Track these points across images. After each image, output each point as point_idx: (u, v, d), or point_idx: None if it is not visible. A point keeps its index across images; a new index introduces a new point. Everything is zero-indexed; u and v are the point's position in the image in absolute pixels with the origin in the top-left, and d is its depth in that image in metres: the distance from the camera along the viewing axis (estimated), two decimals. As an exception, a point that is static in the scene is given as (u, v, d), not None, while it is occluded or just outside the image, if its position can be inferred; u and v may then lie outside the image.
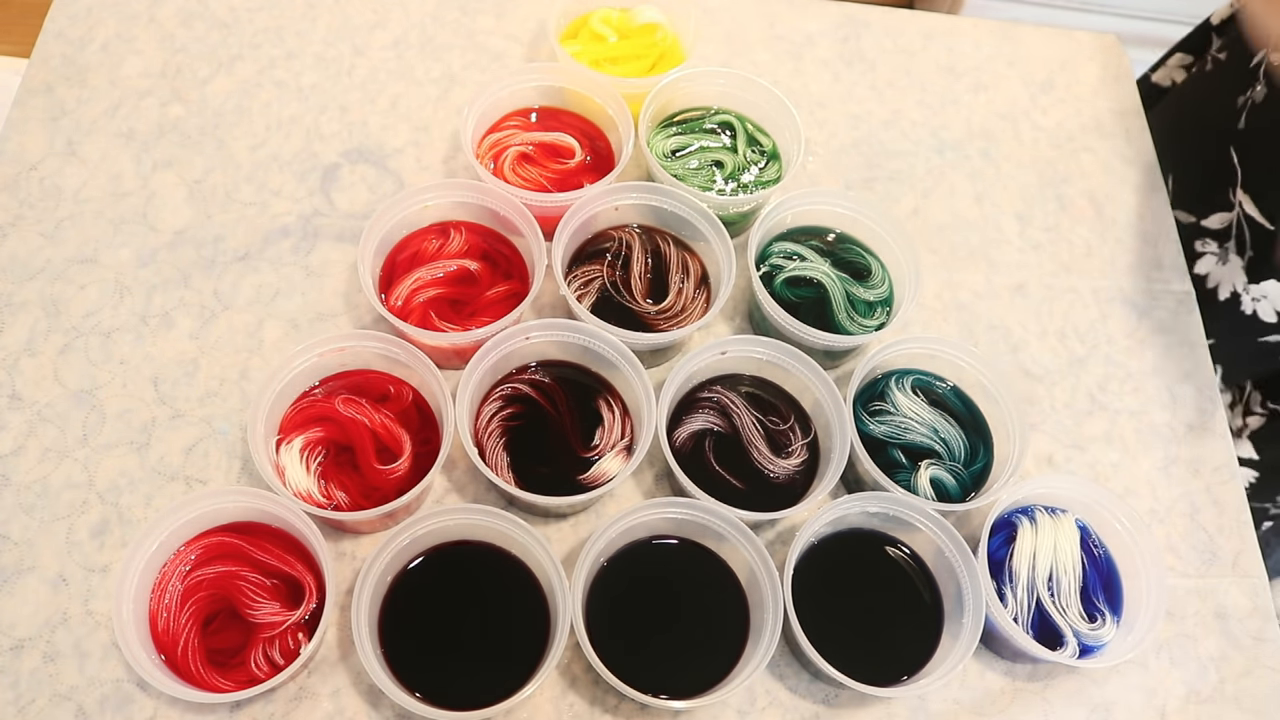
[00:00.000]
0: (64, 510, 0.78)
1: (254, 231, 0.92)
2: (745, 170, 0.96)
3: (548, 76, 0.96)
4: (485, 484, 0.83)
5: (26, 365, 0.83)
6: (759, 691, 0.79)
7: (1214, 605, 0.87)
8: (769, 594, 0.75)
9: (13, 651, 0.73)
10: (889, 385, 0.88)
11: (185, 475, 0.81)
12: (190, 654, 0.71)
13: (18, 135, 0.94)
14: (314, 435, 0.79)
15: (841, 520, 0.81)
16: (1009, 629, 0.75)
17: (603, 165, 0.95)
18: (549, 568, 0.74)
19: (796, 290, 0.91)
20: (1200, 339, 1.00)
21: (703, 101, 1.00)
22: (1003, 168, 1.07)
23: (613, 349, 0.83)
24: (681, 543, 0.80)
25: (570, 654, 0.77)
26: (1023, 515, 0.83)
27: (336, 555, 0.79)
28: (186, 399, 0.84)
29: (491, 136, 0.95)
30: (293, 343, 0.87)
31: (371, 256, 0.85)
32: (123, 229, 0.90)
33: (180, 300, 0.88)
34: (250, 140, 0.97)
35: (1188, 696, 0.83)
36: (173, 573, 0.74)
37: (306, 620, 0.73)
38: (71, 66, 0.98)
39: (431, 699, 0.70)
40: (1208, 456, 0.94)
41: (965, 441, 0.87)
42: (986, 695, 0.81)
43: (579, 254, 0.91)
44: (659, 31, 1.02)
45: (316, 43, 1.03)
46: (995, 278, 1.00)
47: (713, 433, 0.85)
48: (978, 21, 1.18)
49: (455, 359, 0.85)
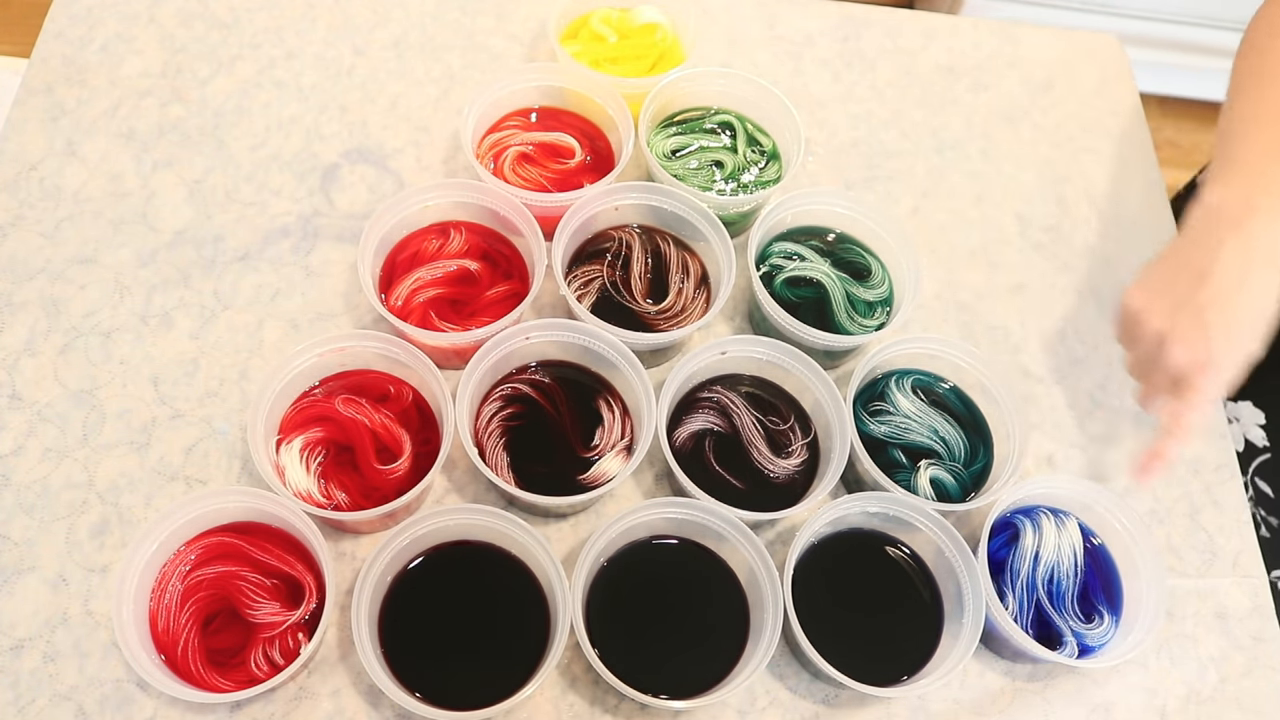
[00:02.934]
0: (64, 510, 0.78)
1: (254, 231, 0.92)
2: (745, 170, 0.96)
3: (548, 76, 0.96)
4: (485, 484, 0.83)
5: (26, 365, 0.84)
6: (759, 691, 0.79)
7: (1214, 605, 0.87)
8: (769, 594, 0.75)
9: (13, 651, 0.73)
10: (889, 385, 0.88)
11: (185, 475, 0.81)
12: (190, 654, 0.71)
13: (18, 135, 0.94)
14: (314, 435, 0.79)
15: (841, 520, 0.81)
16: (1009, 629, 0.75)
17: (603, 165, 0.95)
18: (549, 568, 0.74)
19: (796, 290, 0.91)
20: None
21: (703, 101, 1.00)
22: (1003, 168, 1.07)
23: (613, 349, 0.83)
24: (681, 543, 0.80)
25: (570, 654, 0.77)
26: (1023, 515, 0.83)
27: (336, 555, 0.79)
28: (186, 399, 0.84)
29: (491, 136, 0.95)
30: (293, 343, 0.87)
31: (371, 256, 0.85)
32: (123, 229, 0.90)
33: (180, 300, 0.88)
34: (250, 140, 0.97)
35: (1188, 696, 0.83)
36: (173, 573, 0.74)
37: (306, 620, 0.73)
38: (71, 66, 0.98)
39: (431, 699, 0.70)
40: (1208, 456, 0.94)
41: (965, 441, 0.87)
42: (986, 695, 0.81)
43: (579, 254, 0.91)
44: (659, 31, 1.02)
45: (316, 43, 1.03)
46: (995, 278, 1.00)
47: (713, 433, 0.85)
48: (978, 21, 1.18)
49: (455, 359, 0.85)
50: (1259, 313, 0.72)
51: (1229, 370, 0.72)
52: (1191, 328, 0.72)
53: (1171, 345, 0.72)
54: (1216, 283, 0.71)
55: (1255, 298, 0.72)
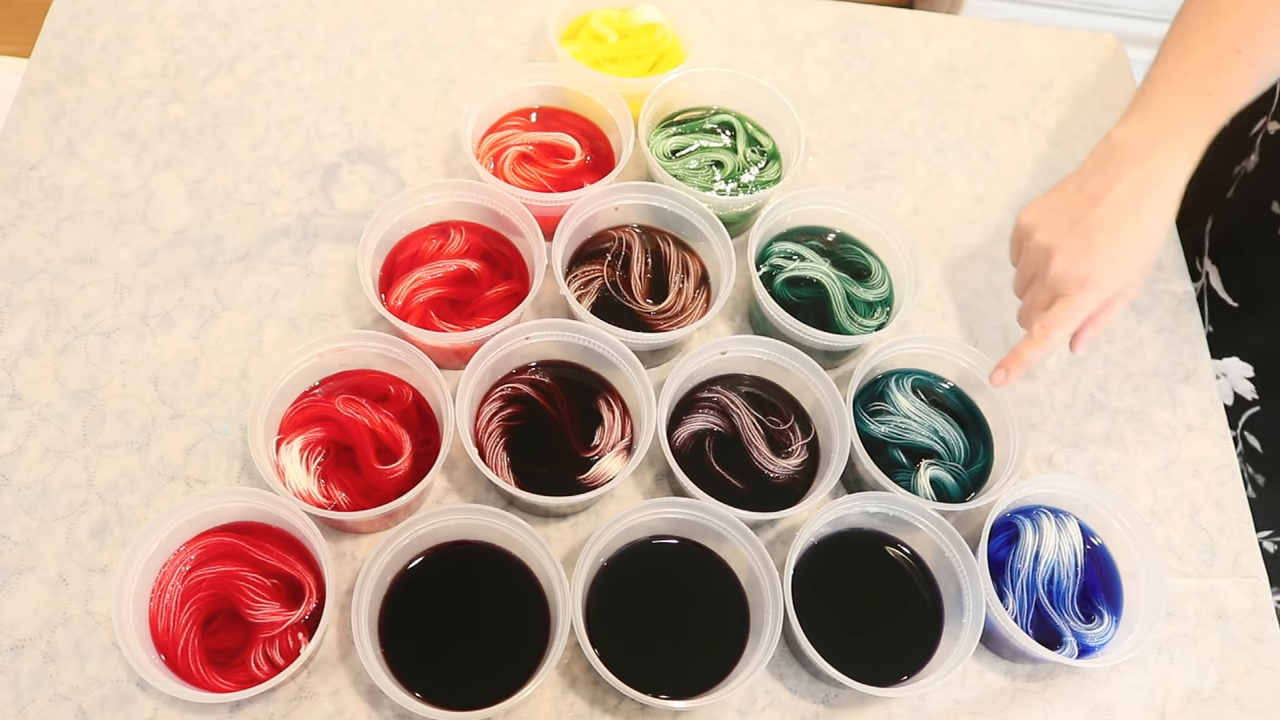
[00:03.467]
0: (64, 510, 0.78)
1: (254, 231, 0.92)
2: (745, 170, 0.96)
3: (548, 76, 0.96)
4: (485, 484, 0.83)
5: (26, 365, 0.84)
6: (759, 691, 0.79)
7: (1214, 605, 0.87)
8: (769, 594, 0.75)
9: (13, 651, 0.73)
10: (889, 385, 0.88)
11: (185, 475, 0.81)
12: (190, 654, 0.71)
13: (18, 135, 0.94)
14: (314, 435, 0.79)
15: (841, 520, 0.81)
16: (1009, 629, 0.75)
17: (603, 165, 0.95)
18: (549, 568, 0.74)
19: (796, 290, 0.91)
20: (1200, 339, 1.00)
21: (703, 101, 1.00)
22: (1003, 168, 1.07)
23: (613, 349, 0.83)
24: (681, 543, 0.80)
25: (570, 654, 0.77)
26: (1023, 516, 0.83)
27: (336, 555, 0.79)
28: (186, 399, 0.84)
29: (491, 136, 0.95)
30: (293, 343, 0.87)
31: (371, 256, 0.85)
32: (123, 229, 0.90)
33: (180, 300, 0.88)
34: (250, 140, 0.97)
35: (1188, 696, 0.83)
36: (173, 573, 0.74)
37: (306, 620, 0.73)
38: (71, 66, 0.98)
39: (431, 699, 0.70)
40: (1208, 456, 0.94)
41: (965, 441, 0.87)
42: (986, 695, 0.81)
43: (579, 254, 0.91)
44: (659, 31, 1.02)
45: (316, 43, 1.03)
46: (995, 278, 1.00)
47: (713, 433, 0.85)
48: (978, 21, 1.18)
49: (455, 359, 0.85)
50: (1144, 243, 0.74)
51: (1104, 289, 0.74)
52: (1077, 244, 0.74)
53: (1054, 257, 0.74)
54: (1108, 207, 0.73)
55: (1144, 226, 0.74)
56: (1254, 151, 0.97)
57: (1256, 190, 0.96)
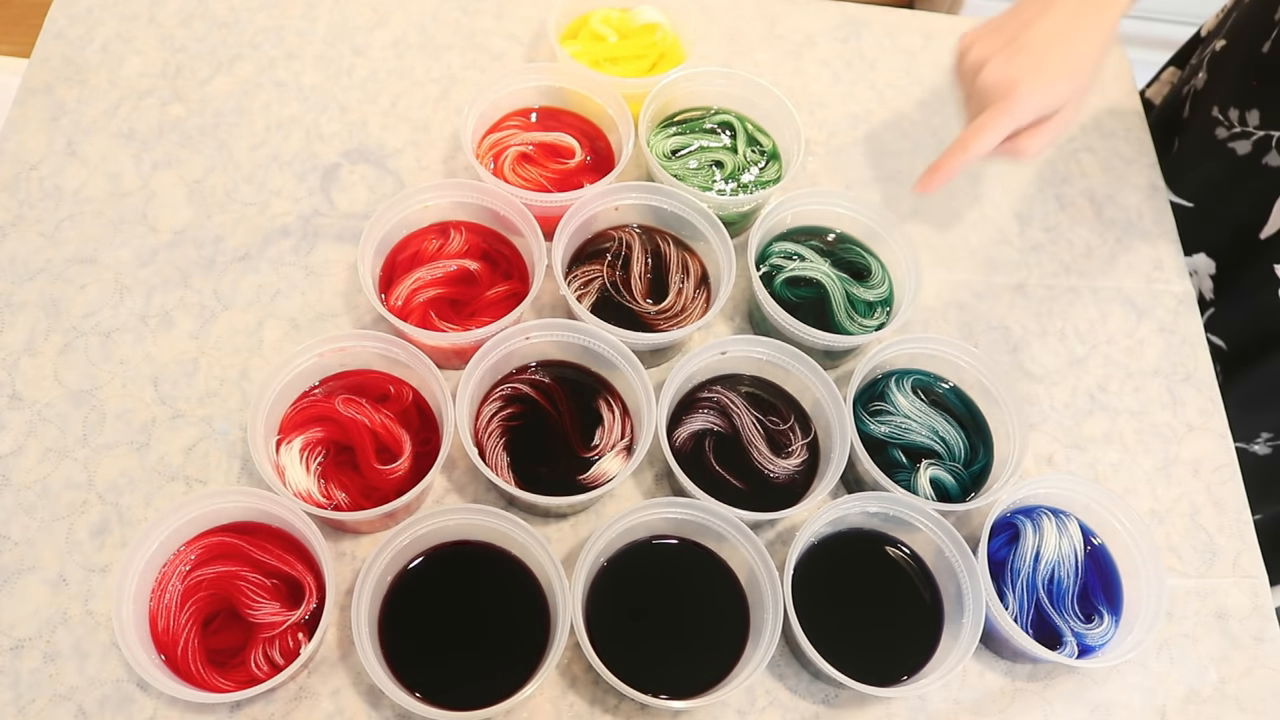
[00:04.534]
0: (64, 510, 0.78)
1: (254, 231, 0.92)
2: (745, 170, 0.96)
3: (548, 76, 0.96)
4: (485, 484, 0.83)
5: (26, 365, 0.84)
6: (759, 691, 0.79)
7: (1214, 605, 0.87)
8: (769, 594, 0.75)
9: (13, 651, 0.73)
10: (889, 385, 0.88)
11: (185, 475, 0.81)
12: (190, 654, 0.71)
13: (18, 135, 0.94)
14: (314, 435, 0.79)
15: (841, 520, 0.81)
16: (1009, 629, 0.75)
17: (603, 165, 0.95)
18: (549, 568, 0.74)
19: (796, 290, 0.91)
20: (1200, 339, 1.00)
21: (703, 101, 1.00)
22: (1002, 168, 1.07)
23: (613, 349, 0.83)
24: (681, 543, 0.80)
25: (570, 654, 0.77)
26: (1023, 516, 0.83)
27: (336, 555, 0.79)
28: (186, 399, 0.84)
29: (491, 136, 0.95)
30: (293, 343, 0.87)
31: (371, 256, 0.85)
32: (123, 229, 0.90)
33: (180, 300, 0.88)
34: (250, 140, 0.97)
35: (1188, 696, 0.83)
36: (173, 573, 0.74)
37: (306, 620, 0.73)
38: (71, 66, 0.98)
39: (431, 699, 0.70)
40: (1208, 456, 0.94)
41: (965, 441, 0.87)
42: (986, 695, 0.81)
43: (579, 254, 0.91)
44: (659, 31, 1.02)
45: (316, 43, 1.03)
46: (995, 278, 1.00)
47: (713, 433, 0.85)
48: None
49: (455, 359, 0.85)
50: (1077, 60, 0.76)
51: (1031, 101, 0.76)
52: (1009, 55, 0.76)
53: (983, 69, 0.77)
54: (1044, 25, 0.76)
55: (1077, 44, 0.76)
56: (1202, 69, 1.03)
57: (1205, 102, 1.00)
